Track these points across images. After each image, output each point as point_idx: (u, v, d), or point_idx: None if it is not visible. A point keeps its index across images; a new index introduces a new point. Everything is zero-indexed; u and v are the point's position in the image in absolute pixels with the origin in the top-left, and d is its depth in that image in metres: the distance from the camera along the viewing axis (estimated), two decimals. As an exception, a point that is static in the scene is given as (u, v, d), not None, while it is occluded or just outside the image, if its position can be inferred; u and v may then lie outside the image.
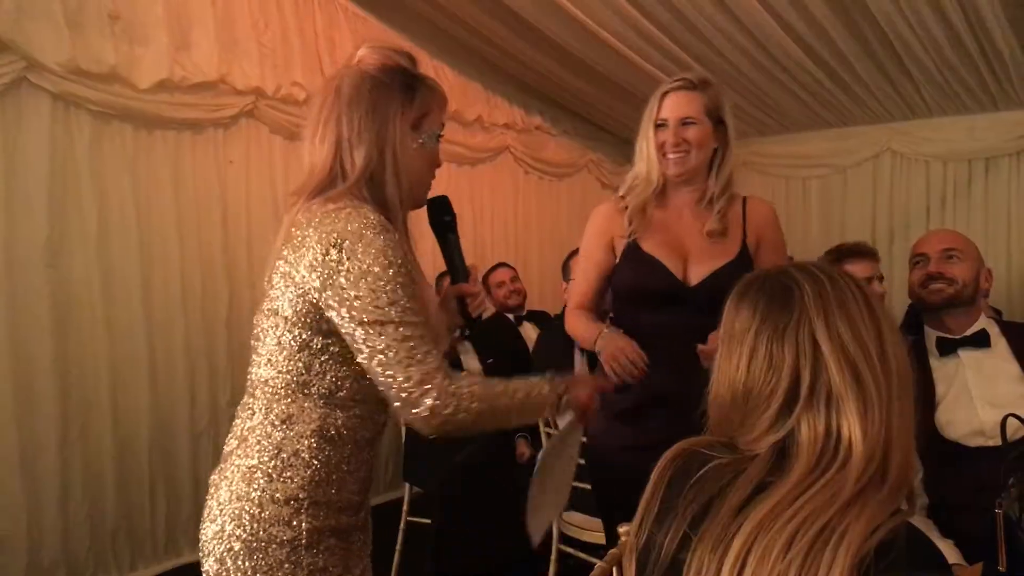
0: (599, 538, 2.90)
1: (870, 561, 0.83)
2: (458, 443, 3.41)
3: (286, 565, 1.31)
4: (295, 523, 1.32)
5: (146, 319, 3.45)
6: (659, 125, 1.97)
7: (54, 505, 3.19)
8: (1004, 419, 1.69)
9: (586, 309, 2.10)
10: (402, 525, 3.51)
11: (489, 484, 3.25)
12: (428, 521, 3.35)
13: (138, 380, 3.44)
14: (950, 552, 1.73)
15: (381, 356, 1.27)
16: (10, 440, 3.06)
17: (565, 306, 3.16)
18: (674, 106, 1.95)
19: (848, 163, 4.99)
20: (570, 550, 3.06)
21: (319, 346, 1.34)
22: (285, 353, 1.35)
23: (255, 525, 1.31)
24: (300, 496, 1.33)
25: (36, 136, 3.12)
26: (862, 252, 2.74)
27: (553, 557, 3.07)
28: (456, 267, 1.61)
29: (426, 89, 1.44)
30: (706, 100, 1.96)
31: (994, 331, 2.07)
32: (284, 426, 1.35)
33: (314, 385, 1.35)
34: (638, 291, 1.98)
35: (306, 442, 1.34)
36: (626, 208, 2.03)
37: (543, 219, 5.61)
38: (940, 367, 2.05)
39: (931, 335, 2.11)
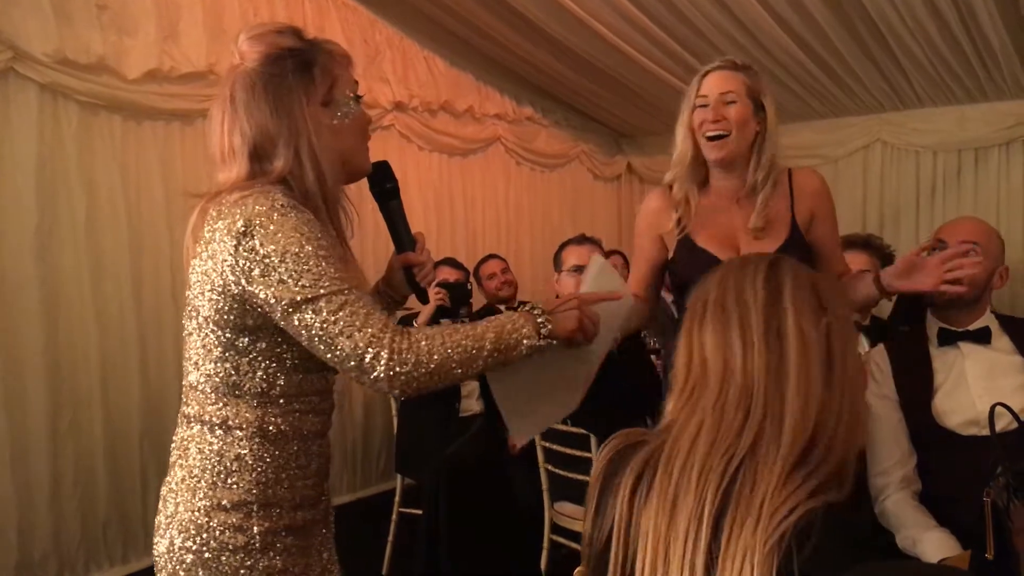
0: (591, 528, 2.91)
1: (790, 545, 0.84)
2: (450, 435, 3.42)
3: (241, 571, 1.27)
4: (246, 528, 1.28)
5: (136, 310, 3.43)
6: (699, 105, 1.92)
7: (45, 498, 3.18)
8: (992, 408, 1.70)
9: (637, 296, 2.07)
10: (394, 516, 3.52)
11: (480, 475, 3.25)
12: (420, 512, 3.35)
13: (129, 371, 3.42)
14: (947, 543, 1.74)
15: (321, 333, 1.19)
16: (0, 433, 3.05)
17: (558, 297, 3.18)
18: (715, 83, 1.91)
19: (839, 154, 5.00)
20: (561, 540, 3.07)
21: (244, 344, 1.28)
22: (211, 355, 1.29)
23: (204, 535, 1.26)
24: (248, 500, 1.28)
25: (24, 127, 3.10)
26: (852, 243, 2.74)
27: (544, 546, 3.08)
28: (400, 236, 1.50)
29: (324, 57, 1.33)
30: (747, 80, 1.92)
31: (995, 326, 2.07)
32: (221, 431, 1.29)
33: (245, 385, 1.29)
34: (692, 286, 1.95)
35: (247, 444, 1.28)
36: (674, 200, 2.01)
37: (534, 210, 5.61)
38: (939, 356, 2.05)
39: (933, 324, 2.10)
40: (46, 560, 3.20)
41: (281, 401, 1.31)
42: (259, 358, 1.29)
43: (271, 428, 1.30)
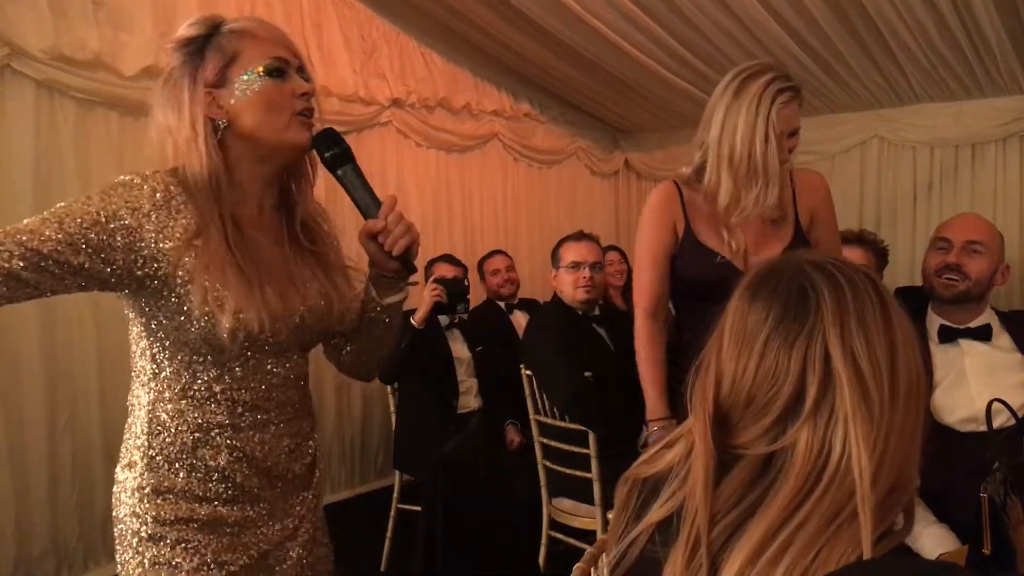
0: (588, 524, 2.93)
1: None
2: (448, 431, 3.43)
3: (135, 557, 1.27)
4: (140, 513, 1.28)
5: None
6: (788, 135, 1.89)
7: (43, 495, 3.18)
8: (989, 404, 1.71)
9: (658, 314, 2.01)
10: (392, 513, 3.52)
11: (478, 472, 3.26)
12: (418, 508, 3.36)
13: (126, 368, 3.38)
14: (946, 538, 1.75)
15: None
16: (-3, 430, 3.04)
17: (556, 293, 3.18)
18: (792, 118, 1.89)
19: (835, 150, 5.00)
20: (560, 535, 3.08)
21: (132, 323, 1.32)
22: (130, 338, 1.33)
23: (118, 518, 1.31)
24: (142, 485, 1.28)
25: (20, 123, 3.09)
26: (845, 239, 2.73)
27: (543, 542, 3.09)
28: (359, 204, 1.37)
29: (225, 36, 1.30)
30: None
31: (996, 324, 2.07)
32: (130, 417, 1.34)
33: (138, 365, 1.33)
34: (700, 284, 1.92)
35: (144, 427, 1.30)
36: (689, 195, 1.98)
37: (532, 206, 5.60)
38: (940, 353, 2.06)
39: (934, 321, 2.11)
40: (44, 557, 3.20)
41: (172, 385, 1.30)
42: (142, 334, 1.32)
43: (161, 413, 1.30)
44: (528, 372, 3.06)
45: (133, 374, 1.35)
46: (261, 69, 1.28)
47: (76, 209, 1.18)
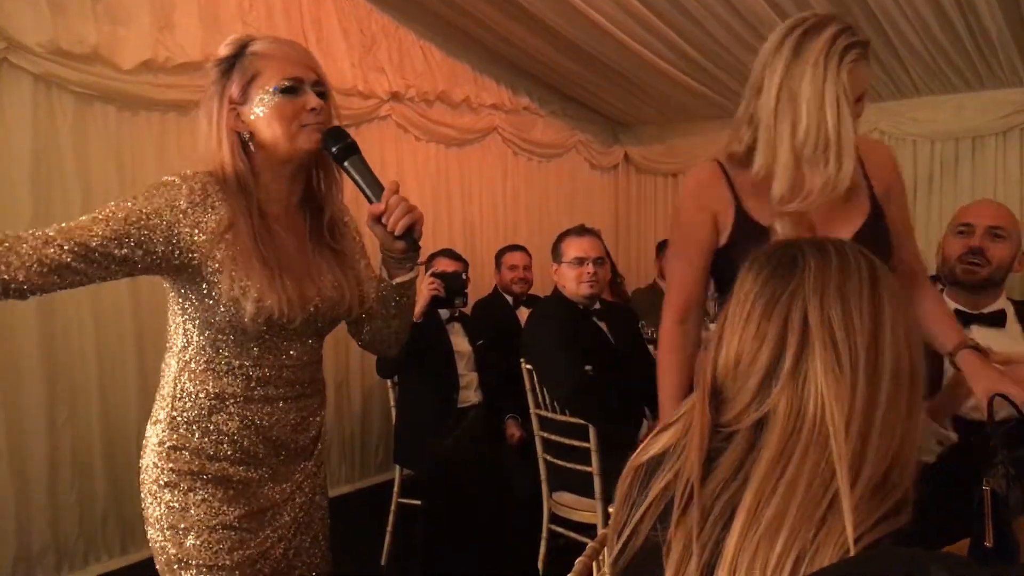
0: (589, 518, 2.93)
1: None
2: (448, 425, 3.42)
3: (154, 500, 1.49)
4: (159, 463, 1.49)
5: (133, 301, 3.42)
6: (857, 100, 1.55)
7: (43, 491, 3.18)
8: (991, 399, 1.70)
9: (688, 317, 1.75)
10: (393, 507, 3.52)
11: (478, 466, 3.26)
12: (419, 503, 3.36)
13: (126, 364, 3.42)
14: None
15: None
16: (-3, 425, 3.04)
17: (556, 288, 3.18)
18: (864, 79, 1.56)
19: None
20: (560, 530, 3.08)
21: (171, 301, 1.51)
22: (168, 314, 1.53)
23: (143, 467, 1.52)
24: (163, 441, 1.49)
25: (18, 118, 3.08)
26: None
27: (543, 536, 3.09)
28: (365, 191, 1.49)
29: (249, 58, 1.46)
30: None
31: (1011, 311, 2.05)
32: (161, 380, 1.54)
33: (170, 339, 1.53)
34: None
35: (168, 391, 1.51)
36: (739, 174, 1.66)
37: (532, 200, 5.60)
38: None
39: (948, 305, 2.09)
40: (44, 553, 3.20)
41: (197, 358, 1.49)
42: (177, 311, 1.50)
43: (186, 381, 1.49)
44: (528, 366, 3.06)
45: (168, 345, 1.54)
46: (276, 88, 1.44)
47: (121, 207, 1.36)
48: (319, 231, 1.58)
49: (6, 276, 1.24)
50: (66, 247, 1.29)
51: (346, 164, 1.49)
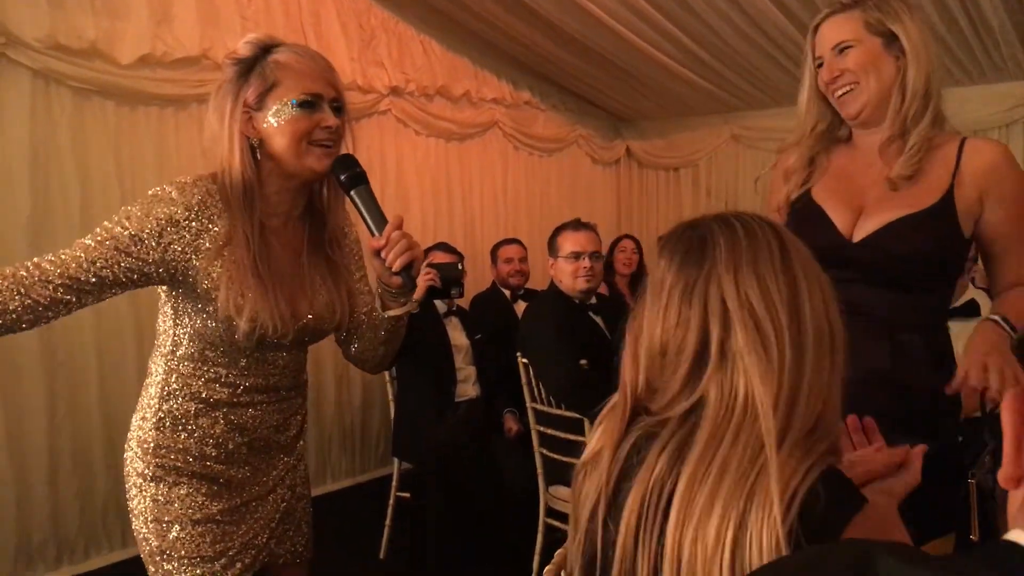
0: (585, 511, 2.93)
1: (794, 522, 0.82)
2: (445, 419, 3.43)
3: (139, 494, 1.54)
4: (145, 459, 1.52)
5: (131, 295, 3.42)
6: (818, 66, 1.67)
7: (43, 483, 3.20)
8: (982, 393, 1.69)
9: None
10: (391, 500, 3.53)
11: (474, 460, 3.26)
12: (417, 496, 3.37)
13: (125, 357, 3.43)
14: None
15: None
16: (-4, 418, 3.06)
17: (553, 282, 3.18)
18: (826, 36, 1.64)
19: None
20: (556, 523, 3.09)
21: (163, 305, 1.52)
22: (159, 315, 1.55)
23: (127, 459, 1.57)
24: (148, 439, 1.52)
25: (16, 113, 3.09)
26: None
27: (540, 529, 3.10)
28: (368, 222, 1.50)
29: (270, 65, 1.44)
30: (866, 15, 1.60)
31: (985, 303, 2.05)
32: (148, 378, 1.56)
33: (159, 340, 1.54)
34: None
35: (156, 390, 1.53)
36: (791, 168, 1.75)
37: (532, 195, 5.59)
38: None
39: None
40: (45, 545, 3.22)
41: (186, 363, 1.51)
42: (169, 316, 1.51)
43: (174, 384, 1.51)
44: (524, 360, 3.06)
45: (156, 343, 1.55)
46: (294, 101, 1.42)
47: (114, 233, 1.37)
48: (318, 242, 1.57)
49: (1, 320, 1.30)
50: (59, 284, 1.33)
51: (352, 193, 1.49)
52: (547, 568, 1.26)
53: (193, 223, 1.40)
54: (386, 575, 3.40)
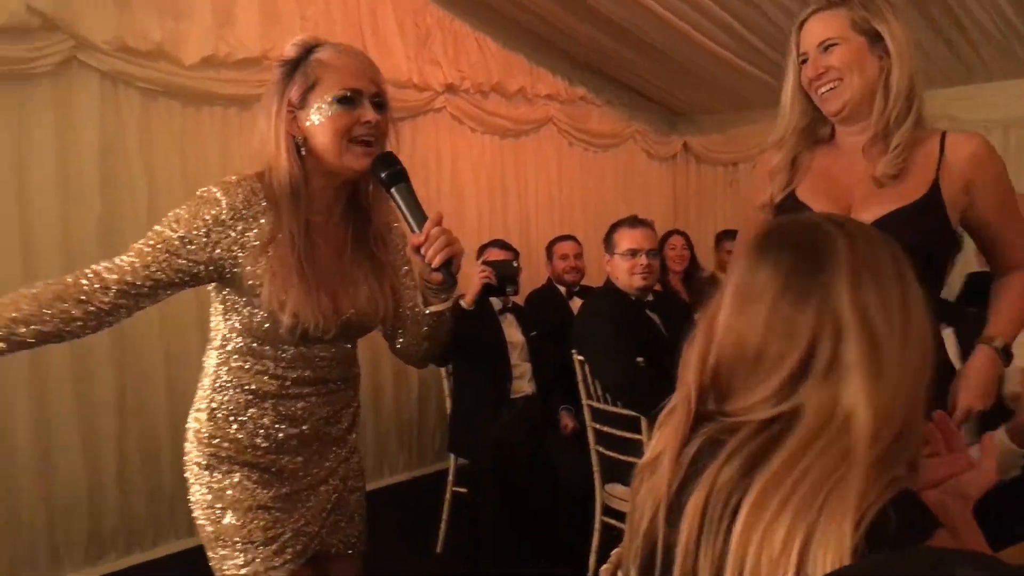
0: (642, 510, 2.90)
1: (861, 541, 0.79)
2: (501, 415, 3.44)
3: (196, 482, 1.60)
4: (200, 449, 1.58)
5: (196, 294, 3.49)
6: (802, 62, 1.70)
7: (113, 475, 3.31)
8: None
9: None
10: (447, 495, 3.55)
11: (530, 456, 3.26)
12: (472, 492, 3.38)
13: (189, 353, 3.50)
14: None
15: None
16: (70, 413, 3.17)
17: (609, 279, 3.16)
18: (811, 33, 1.67)
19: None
20: (613, 522, 3.07)
21: (213, 302, 1.58)
22: (211, 311, 1.61)
23: (186, 450, 1.62)
24: (203, 430, 1.58)
25: (86, 114, 3.18)
26: None
27: (596, 528, 3.08)
28: (409, 219, 1.52)
29: (312, 65, 1.48)
30: (851, 13, 1.64)
31: None
32: (202, 372, 1.62)
33: (212, 336, 1.60)
34: None
35: (209, 383, 1.59)
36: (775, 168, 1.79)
37: (587, 191, 5.56)
38: None
39: None
40: (115, 535, 3.33)
41: (235, 357, 1.56)
42: (219, 312, 1.57)
43: (224, 376, 1.57)
44: (580, 357, 3.05)
45: (210, 337, 1.61)
46: (333, 98, 1.46)
47: (164, 236, 1.44)
48: (362, 239, 1.61)
49: (66, 328, 1.39)
50: (114, 290, 1.41)
51: (393, 191, 1.51)
52: (603, 567, 1.25)
53: (239, 222, 1.45)
54: (442, 569, 3.42)
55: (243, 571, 1.54)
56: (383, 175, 1.50)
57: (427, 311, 1.63)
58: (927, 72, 4.49)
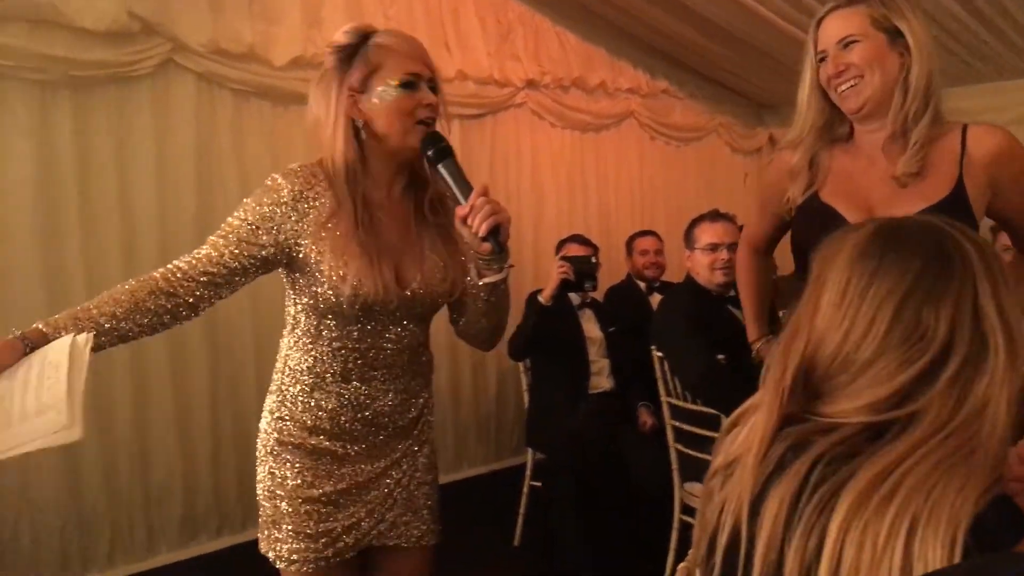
0: (721, 509, 2.86)
1: (967, 537, 0.76)
2: (579, 411, 3.43)
3: (260, 465, 1.63)
4: (269, 431, 1.63)
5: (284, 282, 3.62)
6: (820, 60, 1.70)
7: (207, 460, 3.45)
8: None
9: (757, 248, 2.05)
10: (525, 489, 3.57)
11: (608, 452, 3.25)
12: (548, 486, 3.39)
13: (279, 340, 3.61)
14: None
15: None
16: (167, 400, 3.33)
17: (689, 274, 3.11)
18: (830, 30, 1.67)
19: (1004, 120, 4.58)
20: (692, 520, 3.03)
21: (286, 287, 1.63)
22: (285, 298, 1.66)
23: (260, 429, 1.66)
24: (273, 410, 1.63)
25: (183, 115, 3.32)
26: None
27: (674, 527, 3.05)
28: (458, 193, 1.51)
29: (372, 49, 1.52)
30: (870, 11, 1.63)
31: None
32: (278, 356, 1.67)
33: (285, 321, 1.65)
34: (812, 248, 1.72)
35: (281, 367, 1.64)
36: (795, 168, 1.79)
37: (669, 186, 5.49)
38: None
39: None
40: (208, 516, 3.48)
41: (304, 339, 1.60)
42: (290, 296, 1.62)
43: (293, 359, 1.61)
44: (659, 354, 3.02)
45: (285, 323, 1.66)
46: (397, 82, 1.50)
47: (234, 225, 1.52)
48: (423, 214, 1.64)
49: (160, 321, 1.48)
50: (198, 279, 1.50)
51: (440, 167, 1.53)
52: (680, 566, 1.24)
53: (300, 203, 1.51)
54: (520, 562, 3.45)
55: (292, 557, 1.58)
56: (430, 153, 1.53)
57: (480, 283, 1.60)
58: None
